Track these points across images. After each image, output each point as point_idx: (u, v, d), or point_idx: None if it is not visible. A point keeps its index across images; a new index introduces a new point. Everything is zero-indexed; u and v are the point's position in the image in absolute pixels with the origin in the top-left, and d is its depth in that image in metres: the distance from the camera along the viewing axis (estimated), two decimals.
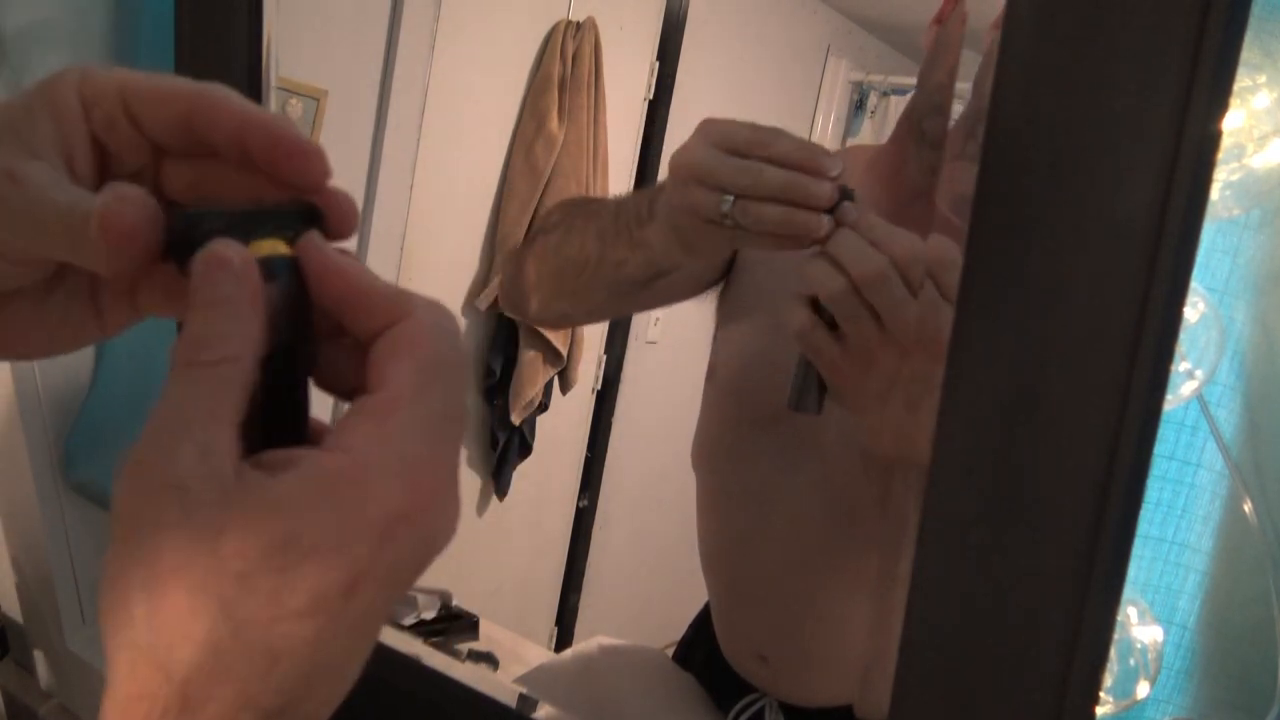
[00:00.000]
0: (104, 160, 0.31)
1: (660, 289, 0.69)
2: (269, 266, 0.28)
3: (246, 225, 0.29)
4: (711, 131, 0.55)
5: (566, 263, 0.72)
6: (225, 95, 0.31)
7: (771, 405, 0.75)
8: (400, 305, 0.28)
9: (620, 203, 0.68)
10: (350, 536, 0.24)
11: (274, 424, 0.28)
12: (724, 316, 0.81)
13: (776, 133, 0.53)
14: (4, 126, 0.30)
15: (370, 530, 0.25)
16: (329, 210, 0.31)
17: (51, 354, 0.35)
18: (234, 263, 0.27)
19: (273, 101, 0.66)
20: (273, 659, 0.23)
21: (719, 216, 0.53)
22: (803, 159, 0.52)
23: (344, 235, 0.31)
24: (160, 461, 0.24)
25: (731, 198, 0.52)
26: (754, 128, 0.54)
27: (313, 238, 0.29)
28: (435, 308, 0.29)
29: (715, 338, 0.82)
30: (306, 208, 0.31)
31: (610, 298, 0.74)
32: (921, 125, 0.69)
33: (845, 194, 0.53)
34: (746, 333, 0.78)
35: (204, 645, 0.23)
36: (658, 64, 1.91)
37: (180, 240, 0.28)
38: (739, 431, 0.79)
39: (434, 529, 0.26)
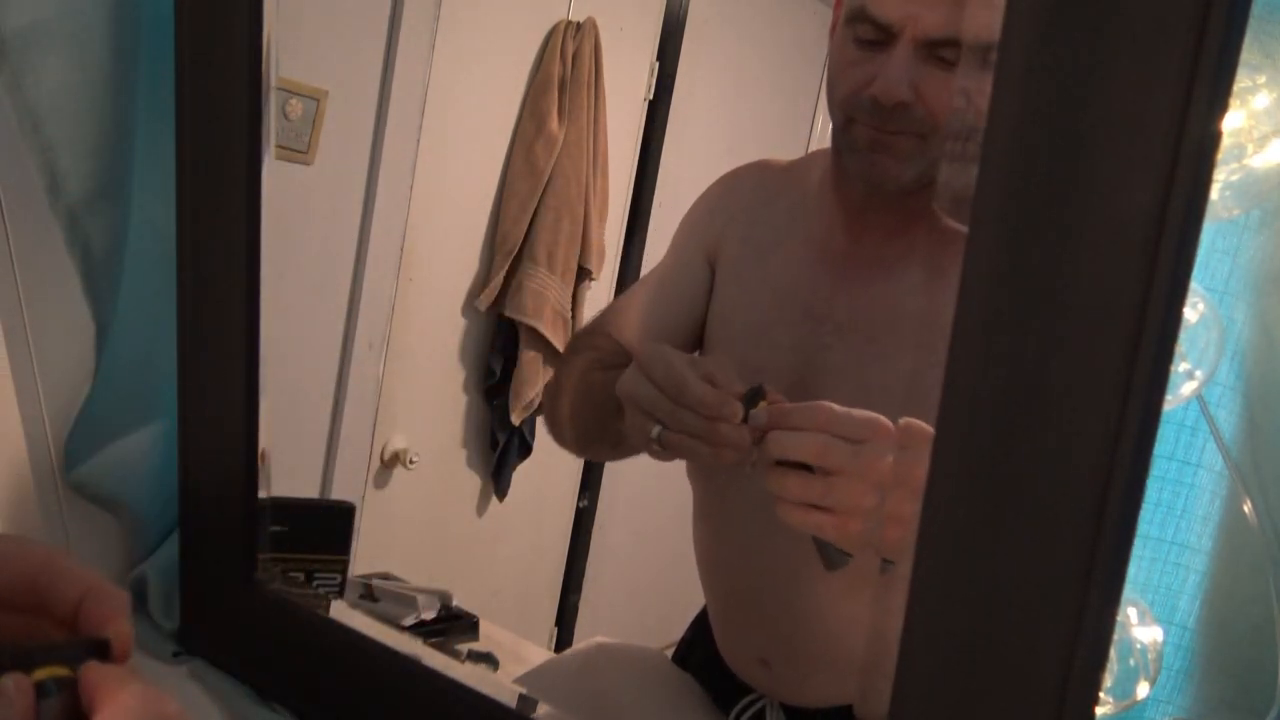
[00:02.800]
0: None
1: None
2: (43, 687, 0.36)
3: (32, 658, 0.37)
4: (643, 362, 0.61)
5: (580, 433, 0.82)
6: (70, 564, 0.40)
7: None
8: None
9: (604, 385, 0.72)
10: None
11: None
12: (708, 333, 0.81)
13: (684, 381, 0.59)
14: None
15: None
16: (116, 642, 0.38)
17: None
18: (8, 689, 0.35)
19: (273, 101, 0.66)
20: None
21: (649, 441, 0.61)
22: (708, 409, 0.58)
23: (122, 659, 0.39)
24: None
25: (659, 427, 0.60)
26: (668, 370, 0.59)
27: (92, 667, 0.37)
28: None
29: (702, 354, 0.82)
30: (92, 642, 0.38)
31: (629, 452, 0.79)
32: (846, 135, 0.69)
33: (756, 394, 0.59)
34: (728, 345, 0.78)
35: None
36: (658, 64, 1.91)
37: None
38: None
39: None
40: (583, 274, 1.83)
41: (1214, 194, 0.80)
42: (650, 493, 1.86)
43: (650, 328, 0.84)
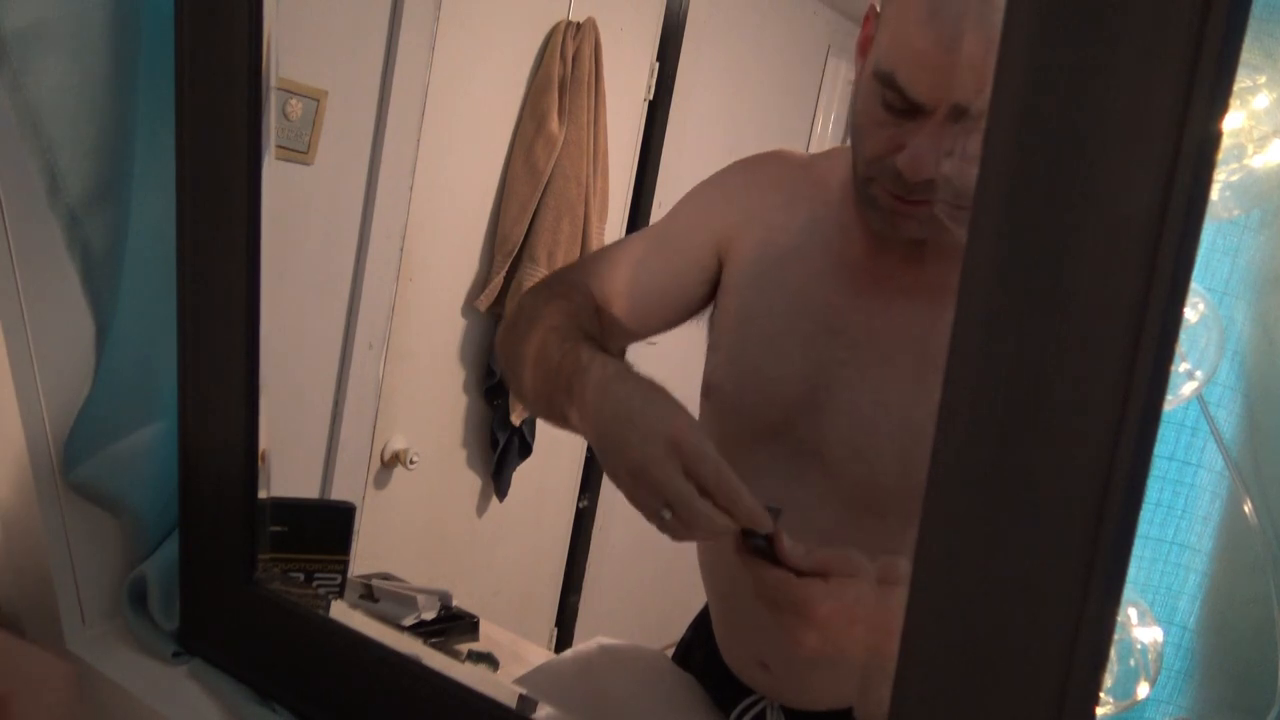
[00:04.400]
0: None
1: None
2: None
3: None
4: (685, 450, 0.58)
5: (533, 401, 0.76)
6: None
7: (771, 419, 0.75)
8: None
9: (560, 358, 0.69)
10: None
11: None
12: (716, 335, 0.81)
13: (739, 489, 0.58)
14: None
15: None
16: None
17: None
18: None
19: (273, 101, 0.66)
20: None
21: (657, 520, 0.59)
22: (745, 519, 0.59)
23: None
24: None
25: (669, 513, 0.59)
26: (721, 472, 0.58)
27: None
28: None
29: (709, 356, 0.82)
30: None
31: (575, 430, 0.78)
32: (867, 190, 0.68)
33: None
34: (740, 350, 0.78)
35: None
36: (658, 64, 1.92)
37: None
38: (740, 446, 0.78)
39: None
40: None
41: (1214, 194, 0.80)
42: None
43: (637, 295, 0.82)
